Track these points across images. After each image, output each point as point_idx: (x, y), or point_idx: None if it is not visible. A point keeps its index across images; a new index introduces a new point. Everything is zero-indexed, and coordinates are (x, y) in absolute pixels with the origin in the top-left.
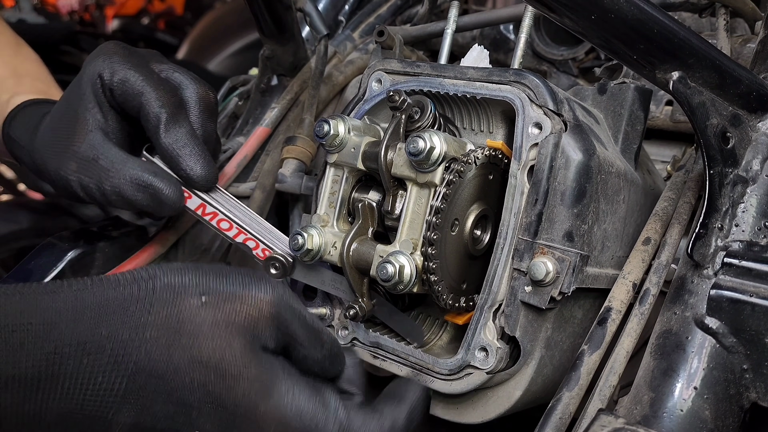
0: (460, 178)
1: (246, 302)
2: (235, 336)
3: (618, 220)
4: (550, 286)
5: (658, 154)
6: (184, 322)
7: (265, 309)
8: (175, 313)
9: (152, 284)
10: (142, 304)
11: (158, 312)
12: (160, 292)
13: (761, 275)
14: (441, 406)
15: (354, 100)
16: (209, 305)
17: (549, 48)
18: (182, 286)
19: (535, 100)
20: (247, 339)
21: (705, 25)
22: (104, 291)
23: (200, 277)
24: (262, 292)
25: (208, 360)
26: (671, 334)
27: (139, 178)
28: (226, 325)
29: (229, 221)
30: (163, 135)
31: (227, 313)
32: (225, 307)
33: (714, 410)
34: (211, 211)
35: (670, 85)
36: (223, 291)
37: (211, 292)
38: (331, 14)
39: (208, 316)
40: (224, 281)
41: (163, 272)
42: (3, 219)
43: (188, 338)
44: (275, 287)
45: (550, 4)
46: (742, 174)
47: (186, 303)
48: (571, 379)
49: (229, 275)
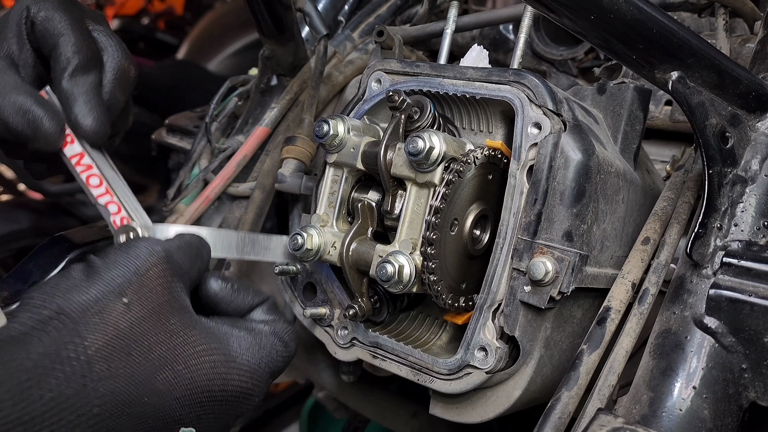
0: (460, 178)
1: (152, 277)
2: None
3: (617, 220)
4: (549, 285)
5: (657, 153)
6: (125, 335)
7: (167, 272)
8: (111, 332)
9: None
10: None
11: (95, 341)
12: (83, 320)
13: (760, 275)
14: (440, 405)
15: (353, 100)
16: (133, 303)
17: (548, 48)
18: (97, 300)
19: (535, 100)
20: (177, 312)
21: (704, 25)
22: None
23: (104, 280)
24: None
25: (164, 355)
26: (670, 333)
27: (24, 103)
28: (157, 312)
29: (101, 179)
30: (66, 78)
31: (148, 299)
32: (145, 294)
33: (713, 410)
34: (87, 164)
35: (669, 85)
36: (132, 279)
37: (124, 288)
38: (331, 14)
39: (139, 314)
40: (121, 269)
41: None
42: (3, 219)
43: (137, 346)
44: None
45: (549, 4)
46: (741, 174)
47: (114, 314)
48: (571, 378)
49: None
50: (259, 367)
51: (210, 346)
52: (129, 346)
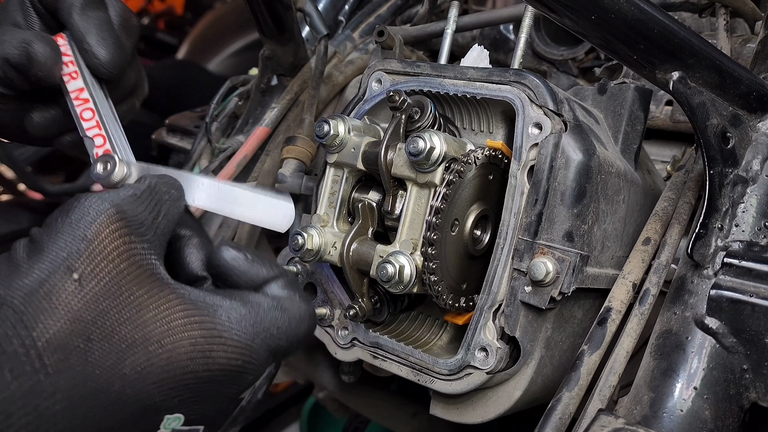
0: (460, 178)
1: (106, 243)
2: (132, 289)
3: (618, 220)
4: (550, 286)
5: (658, 154)
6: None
7: (118, 224)
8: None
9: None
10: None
11: (45, 330)
12: (30, 307)
13: (761, 275)
14: (441, 406)
15: (354, 100)
16: (85, 278)
17: (549, 48)
18: (43, 281)
19: (535, 100)
20: (143, 281)
21: (705, 25)
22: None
23: (48, 255)
24: (98, 211)
25: (133, 335)
26: (671, 334)
27: (24, 39)
28: (115, 285)
29: (94, 112)
30: (77, 13)
31: (105, 269)
32: (98, 264)
33: (714, 410)
34: (85, 98)
35: (670, 85)
36: (80, 249)
37: (73, 260)
38: (331, 14)
39: (95, 290)
40: (68, 238)
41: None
42: (3, 219)
43: (97, 329)
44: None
45: (550, 4)
46: (742, 174)
47: (64, 294)
48: (571, 379)
49: (63, 228)
50: (254, 343)
51: (190, 320)
52: (87, 329)
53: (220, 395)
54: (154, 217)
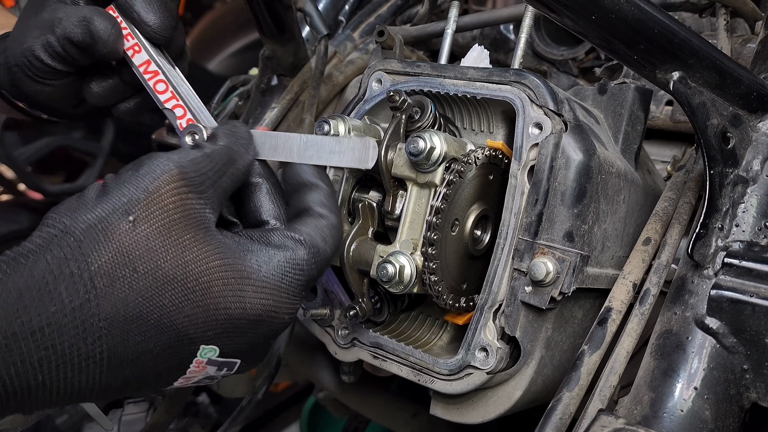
0: (461, 178)
1: (164, 194)
2: (181, 234)
3: (618, 220)
4: (550, 286)
5: (658, 154)
6: (130, 252)
7: (181, 187)
8: (115, 249)
9: (73, 236)
10: (75, 261)
11: (98, 257)
12: (87, 237)
13: (761, 275)
14: (441, 406)
15: (354, 100)
16: (140, 221)
17: (549, 48)
18: (102, 218)
19: (536, 100)
20: (191, 229)
21: (705, 25)
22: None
23: (110, 199)
24: (165, 170)
25: (174, 272)
26: (671, 334)
27: (84, 16)
28: (167, 229)
29: (167, 84)
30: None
31: (158, 217)
32: (152, 211)
33: (714, 410)
34: (154, 70)
35: (670, 85)
36: (140, 196)
37: (132, 206)
38: (331, 14)
39: (147, 232)
40: (131, 186)
41: (71, 218)
42: (3, 219)
43: (144, 263)
44: (168, 158)
45: (550, 4)
46: (743, 174)
47: (118, 232)
48: (572, 379)
49: (128, 179)
50: (282, 283)
51: (224, 262)
52: (134, 262)
53: (254, 333)
54: (217, 176)
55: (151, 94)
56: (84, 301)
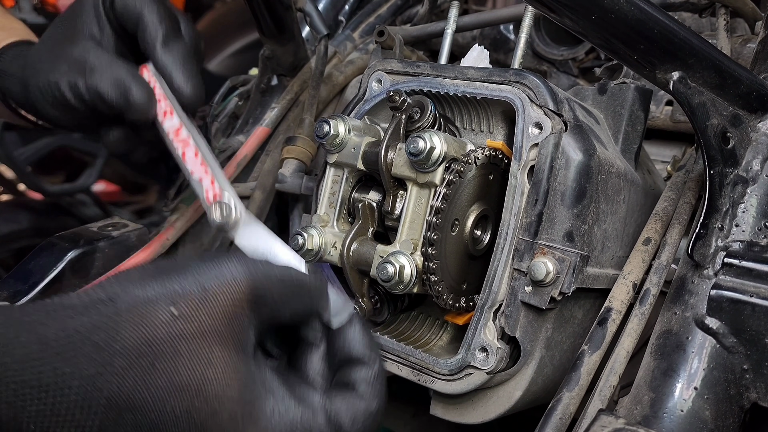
0: (461, 178)
1: (220, 299)
2: (214, 348)
3: (618, 220)
4: (550, 286)
5: (658, 154)
6: (157, 344)
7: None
8: (145, 336)
9: (115, 307)
10: (106, 332)
11: (126, 338)
12: (126, 314)
13: (761, 275)
14: (441, 406)
15: (354, 100)
16: (182, 318)
17: (549, 48)
18: (147, 299)
19: (536, 100)
20: (228, 346)
21: (705, 25)
22: (63, 322)
23: (165, 281)
24: (233, 276)
25: (188, 383)
26: (671, 334)
27: (118, 78)
28: (203, 338)
29: (197, 154)
30: (161, 46)
31: (202, 321)
32: (199, 314)
33: (714, 410)
34: (184, 138)
35: (670, 85)
36: (193, 293)
37: (180, 299)
38: (331, 14)
39: (183, 331)
40: (192, 279)
41: (123, 288)
42: (3, 219)
43: (165, 361)
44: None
45: (550, 4)
46: (743, 174)
47: (155, 320)
48: (572, 379)
49: (196, 269)
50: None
51: (240, 396)
52: (156, 357)
53: None
54: (281, 307)
55: (177, 161)
56: (96, 373)
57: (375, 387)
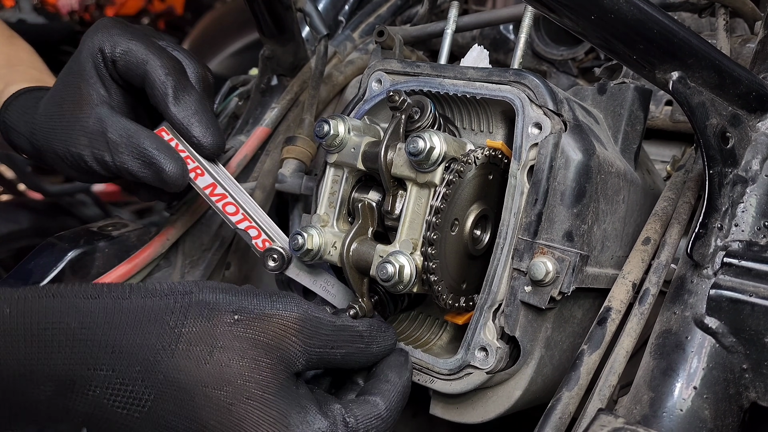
0: (460, 178)
1: (274, 321)
2: (263, 355)
3: (618, 220)
4: (549, 285)
5: (657, 154)
6: (217, 338)
7: (292, 326)
8: (208, 328)
9: (188, 299)
10: (176, 316)
11: (192, 325)
12: (195, 306)
13: (761, 275)
14: (441, 406)
15: (354, 100)
16: (241, 323)
17: (549, 48)
18: (216, 302)
19: (535, 100)
20: (274, 359)
21: (704, 25)
22: (141, 299)
23: (233, 295)
24: (288, 310)
25: (235, 378)
26: (671, 333)
27: (145, 153)
28: (255, 344)
29: (236, 206)
30: (173, 103)
31: (257, 331)
32: (255, 325)
33: (713, 410)
34: (221, 193)
35: (669, 85)
36: (254, 310)
37: (243, 311)
38: (331, 14)
39: (239, 334)
40: (254, 301)
41: (198, 288)
42: (3, 219)
43: (220, 354)
44: (299, 304)
45: (549, 4)
46: (742, 174)
47: (220, 319)
48: (571, 378)
49: (258, 295)
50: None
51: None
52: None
53: None
54: (330, 347)
55: (220, 215)
56: (161, 348)
57: (392, 401)
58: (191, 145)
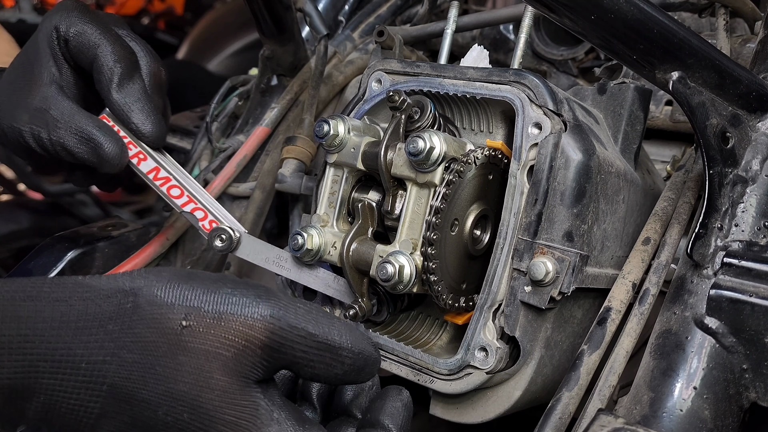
0: (460, 178)
1: (232, 328)
2: (215, 370)
3: (618, 220)
4: (549, 286)
5: (657, 154)
6: (163, 349)
7: (256, 336)
8: (154, 338)
9: (134, 301)
10: (121, 323)
11: (137, 333)
12: (142, 311)
13: (761, 275)
14: (441, 406)
15: (354, 100)
16: (190, 331)
17: (549, 48)
18: (165, 304)
19: (535, 100)
20: (230, 374)
21: (704, 25)
22: (84, 305)
23: (187, 293)
24: (254, 312)
25: (183, 396)
26: (671, 333)
27: (84, 130)
28: (206, 357)
29: (181, 188)
30: (116, 89)
31: (209, 340)
32: (207, 334)
33: (713, 410)
34: (164, 176)
35: (669, 85)
36: (210, 312)
37: (195, 314)
38: (331, 14)
39: (187, 345)
40: (213, 298)
41: (148, 285)
42: (3, 219)
43: (165, 368)
44: (272, 306)
45: (549, 4)
46: (742, 174)
47: (166, 325)
48: (571, 379)
49: (219, 291)
50: None
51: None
52: (159, 361)
53: None
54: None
55: (164, 198)
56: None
57: None
58: (130, 131)
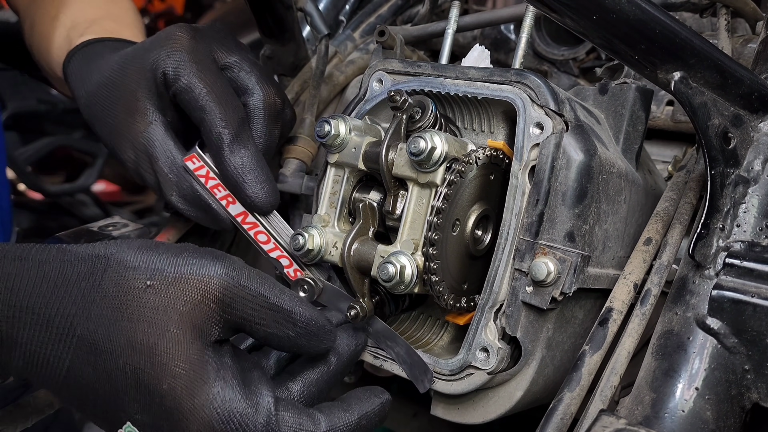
0: (462, 178)
1: (189, 286)
2: (172, 323)
3: (619, 221)
4: (551, 286)
5: (659, 154)
6: (127, 304)
7: (210, 292)
8: (119, 294)
9: (106, 263)
10: (91, 282)
11: (105, 291)
12: (111, 272)
13: (763, 276)
14: (442, 406)
15: (355, 100)
16: (153, 289)
17: (550, 48)
18: (132, 265)
19: (537, 100)
20: (186, 327)
21: (706, 25)
22: (63, 266)
23: (151, 256)
24: (210, 271)
25: (141, 345)
26: (672, 334)
27: (193, 193)
28: (165, 311)
29: (268, 235)
30: (228, 158)
31: (169, 298)
32: (168, 291)
33: (715, 411)
34: (252, 222)
35: (671, 85)
36: (171, 273)
37: (157, 275)
38: (332, 14)
39: (149, 301)
40: (175, 261)
41: (118, 249)
42: None
43: (128, 321)
44: (227, 266)
45: (551, 4)
46: (744, 174)
47: (132, 284)
48: (573, 379)
49: (181, 255)
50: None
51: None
52: (123, 315)
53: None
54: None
55: (252, 243)
56: (74, 314)
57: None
58: (241, 201)
